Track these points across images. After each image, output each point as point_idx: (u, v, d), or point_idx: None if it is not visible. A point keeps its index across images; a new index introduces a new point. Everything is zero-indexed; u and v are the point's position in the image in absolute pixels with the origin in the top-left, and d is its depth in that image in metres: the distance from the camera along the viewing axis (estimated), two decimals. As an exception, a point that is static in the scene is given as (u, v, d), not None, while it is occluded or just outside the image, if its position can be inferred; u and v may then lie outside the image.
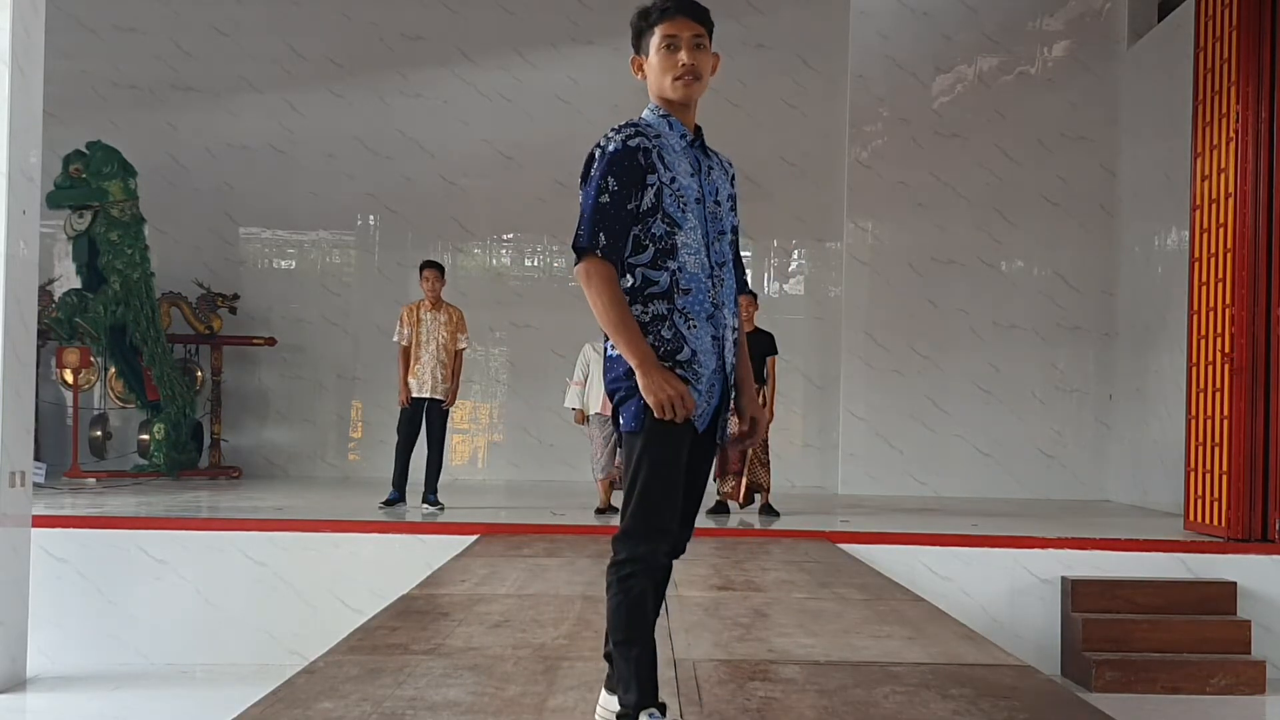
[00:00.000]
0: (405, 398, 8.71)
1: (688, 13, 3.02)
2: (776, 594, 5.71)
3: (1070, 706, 3.74)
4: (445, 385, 8.71)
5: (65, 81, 10.81)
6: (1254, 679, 6.92)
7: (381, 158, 12.42)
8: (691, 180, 3.05)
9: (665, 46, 3.01)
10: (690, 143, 3.09)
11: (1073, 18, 11.89)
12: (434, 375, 8.66)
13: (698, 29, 3.02)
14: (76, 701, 6.55)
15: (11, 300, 6.54)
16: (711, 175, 3.13)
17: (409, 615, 4.95)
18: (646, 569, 2.91)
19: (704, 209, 3.07)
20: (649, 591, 2.92)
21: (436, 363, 8.67)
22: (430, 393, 8.67)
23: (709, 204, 3.09)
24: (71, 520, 7.65)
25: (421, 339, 8.68)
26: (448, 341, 8.72)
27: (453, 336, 8.76)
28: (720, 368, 3.07)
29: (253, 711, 3.32)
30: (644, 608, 2.92)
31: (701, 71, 3.03)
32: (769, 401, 8.90)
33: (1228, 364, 7.90)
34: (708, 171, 3.13)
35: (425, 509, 8.67)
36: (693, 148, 3.10)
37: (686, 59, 3.00)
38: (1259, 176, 7.85)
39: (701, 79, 3.04)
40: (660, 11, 3.02)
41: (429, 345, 8.67)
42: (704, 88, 3.07)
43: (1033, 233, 11.80)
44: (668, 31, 3.01)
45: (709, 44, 3.06)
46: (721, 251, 3.10)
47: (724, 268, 3.10)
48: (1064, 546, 7.67)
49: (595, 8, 12.35)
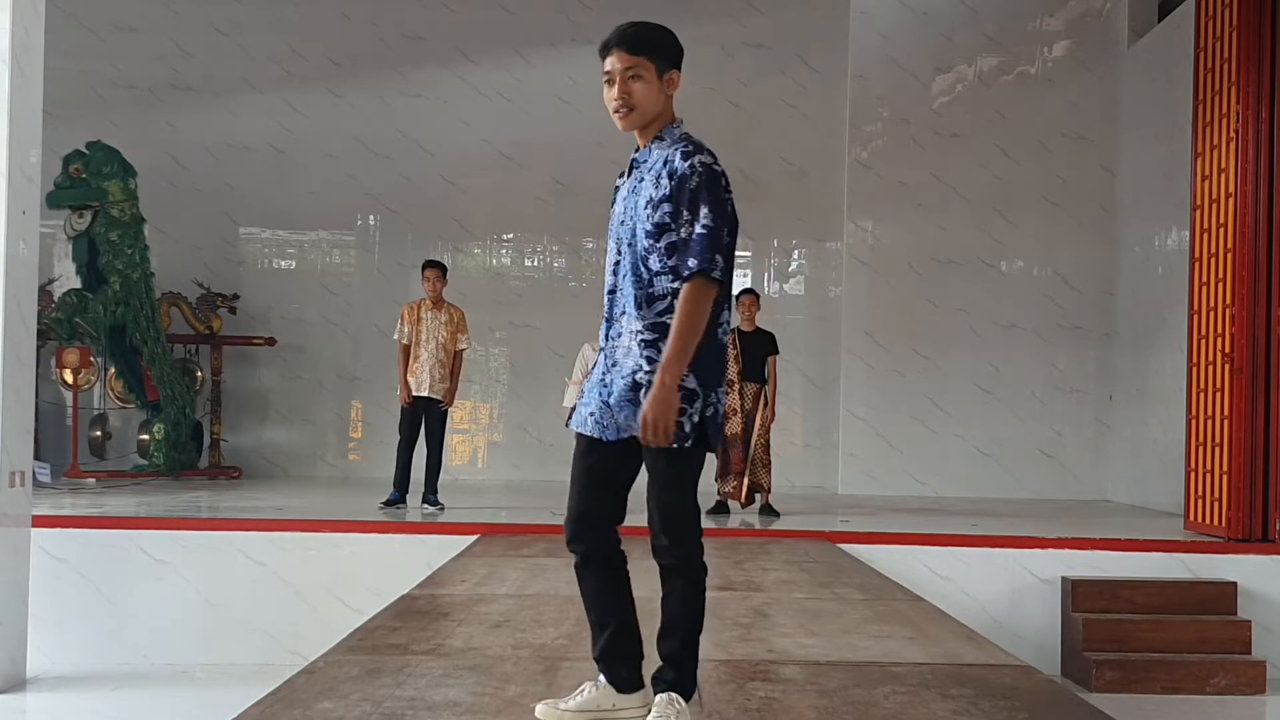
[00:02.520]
0: (405, 396, 8.71)
1: (619, 45, 3.13)
2: (777, 594, 5.71)
3: (1070, 706, 3.74)
4: (443, 385, 8.71)
5: (65, 81, 10.79)
6: (1254, 679, 6.92)
7: (381, 158, 12.42)
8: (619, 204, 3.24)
9: (605, 82, 3.16)
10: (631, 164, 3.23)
11: (1073, 18, 11.90)
12: (432, 374, 8.66)
13: (630, 60, 3.11)
14: (76, 701, 6.55)
15: (11, 300, 6.54)
16: (639, 186, 3.19)
17: (409, 615, 4.95)
18: None
19: (614, 228, 3.25)
20: None
21: (435, 362, 8.67)
22: (428, 392, 8.67)
23: (616, 223, 3.24)
24: (71, 520, 7.65)
25: (421, 338, 8.68)
26: (447, 341, 8.72)
27: (453, 336, 8.76)
28: (602, 380, 3.20)
29: (253, 711, 3.32)
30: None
31: (635, 103, 3.12)
32: (770, 401, 8.91)
33: (1228, 364, 7.90)
34: (635, 184, 3.20)
35: (425, 509, 8.67)
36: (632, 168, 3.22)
37: (615, 95, 3.13)
38: (1259, 176, 7.85)
39: (636, 109, 3.12)
40: (601, 47, 3.16)
41: (428, 344, 8.68)
42: (645, 115, 3.15)
43: (1033, 233, 11.80)
44: (604, 69, 3.16)
45: (650, 71, 3.13)
46: (617, 268, 3.21)
47: (620, 282, 3.19)
48: (1064, 546, 7.67)
49: (595, 8, 12.33)
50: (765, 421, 8.86)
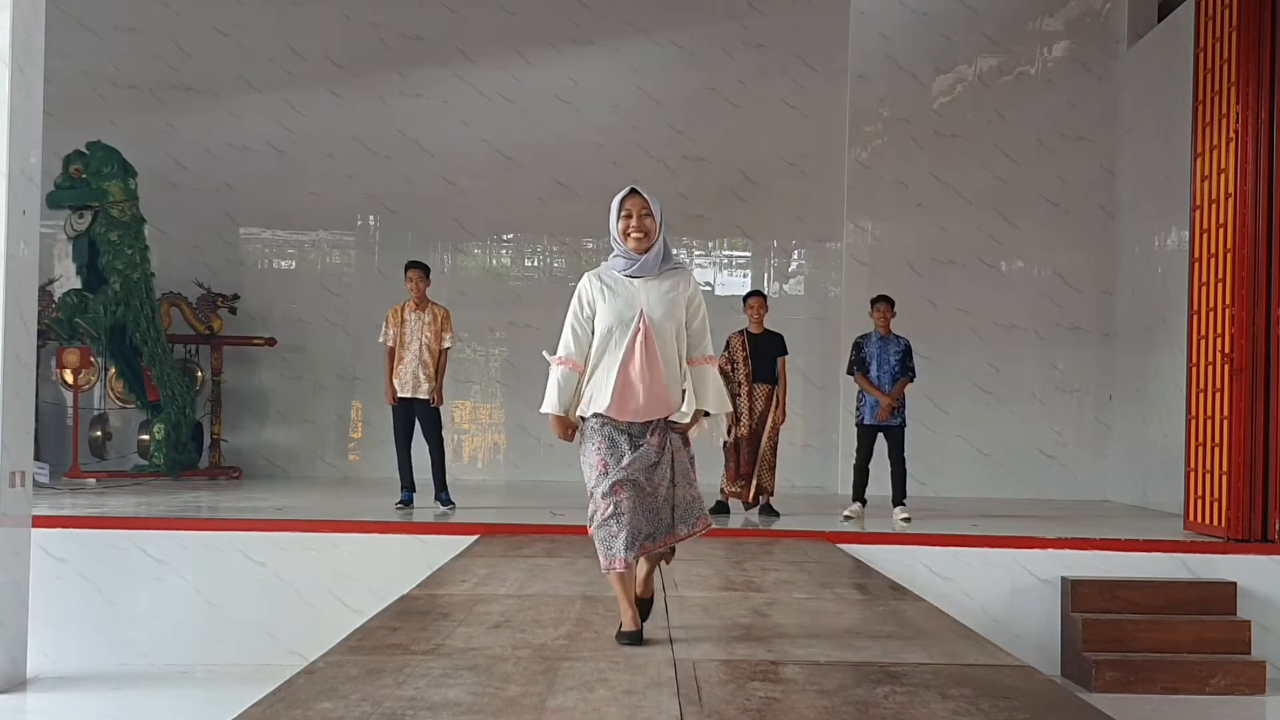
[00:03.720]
0: (390, 397, 8.76)
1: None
2: (777, 594, 5.71)
3: (1070, 706, 3.74)
4: (428, 385, 8.72)
5: (65, 81, 10.82)
6: (1254, 679, 6.93)
7: (381, 158, 12.42)
8: None
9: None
10: None
11: (1072, 18, 11.90)
12: (415, 375, 8.68)
13: None
14: (76, 701, 6.55)
15: (11, 300, 6.54)
16: None
17: (409, 615, 4.95)
18: None
19: None
20: None
21: (419, 363, 8.69)
22: (413, 392, 8.70)
23: None
24: (71, 520, 7.65)
25: (405, 339, 8.71)
26: (430, 342, 8.74)
27: (436, 336, 8.77)
28: None
29: (253, 711, 3.32)
30: None
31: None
32: (781, 402, 8.92)
33: (1228, 364, 7.91)
34: None
35: (438, 508, 8.71)
36: None
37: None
38: (1259, 176, 7.85)
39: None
40: None
41: (411, 345, 8.70)
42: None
43: (1033, 233, 11.80)
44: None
45: None
46: None
47: None
48: (1064, 547, 7.67)
49: (595, 8, 12.35)
50: (776, 423, 8.88)
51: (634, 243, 4.27)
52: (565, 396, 4.31)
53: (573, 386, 4.31)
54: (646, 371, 4.19)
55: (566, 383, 4.30)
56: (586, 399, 4.29)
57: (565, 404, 4.32)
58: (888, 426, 8.86)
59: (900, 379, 8.84)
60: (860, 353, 8.95)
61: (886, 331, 8.91)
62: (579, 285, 4.35)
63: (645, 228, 4.26)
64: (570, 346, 4.31)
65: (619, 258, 4.33)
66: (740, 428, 8.82)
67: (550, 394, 4.30)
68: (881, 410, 8.79)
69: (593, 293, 4.31)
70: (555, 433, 4.38)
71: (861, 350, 8.95)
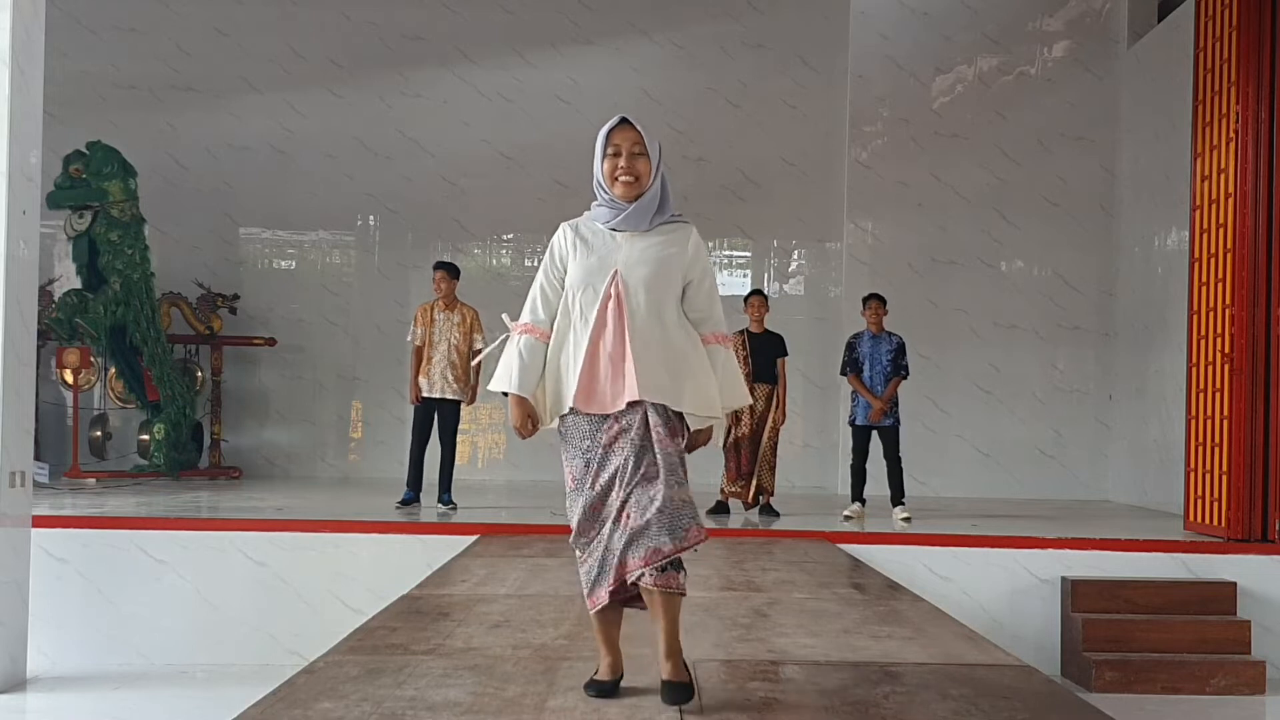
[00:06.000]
0: (414, 396, 8.73)
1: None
2: (777, 594, 5.71)
3: (1070, 706, 3.74)
4: (456, 386, 8.70)
5: (65, 81, 10.81)
6: (1254, 679, 6.92)
7: (381, 158, 12.43)
8: None
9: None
10: None
11: (1072, 18, 11.90)
12: (444, 376, 8.66)
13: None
14: (76, 701, 6.55)
15: (11, 300, 6.54)
16: None
17: (409, 615, 4.95)
18: None
19: None
20: None
21: (447, 363, 8.67)
22: (440, 393, 8.66)
23: None
24: (71, 520, 7.65)
25: (434, 339, 8.68)
26: (459, 342, 8.71)
27: (466, 337, 8.74)
28: None
29: (253, 711, 3.32)
30: None
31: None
32: (781, 402, 8.92)
33: (1227, 364, 7.91)
34: None
35: (440, 509, 8.71)
36: None
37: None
38: (1259, 176, 7.85)
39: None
40: None
41: (440, 346, 8.67)
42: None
43: (1033, 233, 11.80)
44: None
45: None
46: None
47: None
48: (1064, 546, 7.67)
49: (595, 8, 12.36)
50: (776, 423, 8.89)
51: (622, 188, 3.41)
52: (529, 373, 3.41)
53: (539, 360, 3.43)
54: (619, 348, 3.33)
55: (531, 354, 3.42)
56: (553, 388, 3.44)
57: (527, 382, 3.42)
58: (880, 427, 8.87)
59: (893, 379, 8.84)
60: (853, 353, 8.96)
61: (879, 330, 8.91)
62: (553, 238, 3.53)
63: (636, 170, 3.40)
64: (539, 311, 3.46)
65: (602, 207, 3.51)
66: (740, 428, 8.82)
67: (507, 368, 3.43)
68: (874, 412, 8.80)
69: (565, 246, 3.49)
70: (513, 420, 3.44)
71: (854, 350, 8.96)
